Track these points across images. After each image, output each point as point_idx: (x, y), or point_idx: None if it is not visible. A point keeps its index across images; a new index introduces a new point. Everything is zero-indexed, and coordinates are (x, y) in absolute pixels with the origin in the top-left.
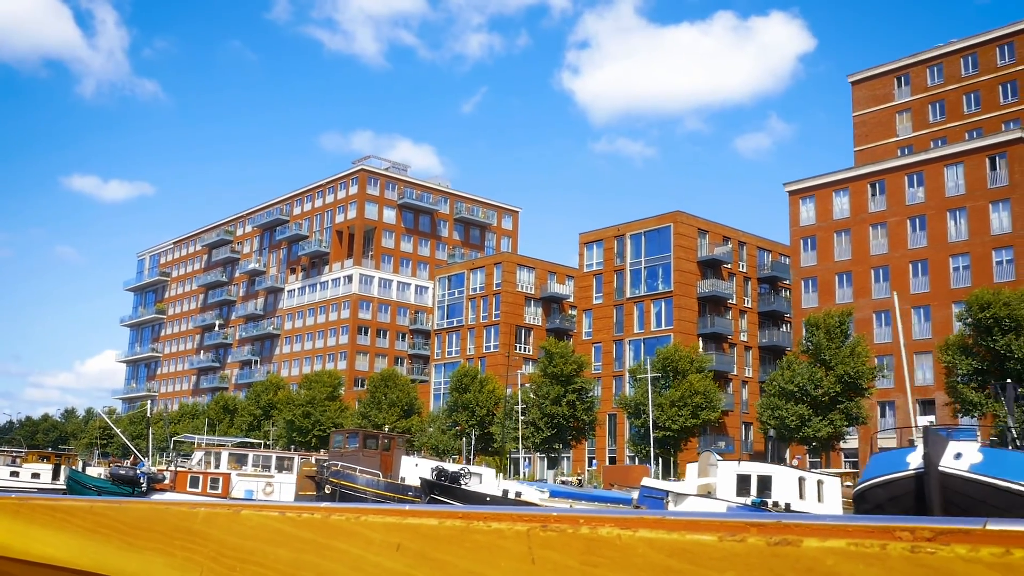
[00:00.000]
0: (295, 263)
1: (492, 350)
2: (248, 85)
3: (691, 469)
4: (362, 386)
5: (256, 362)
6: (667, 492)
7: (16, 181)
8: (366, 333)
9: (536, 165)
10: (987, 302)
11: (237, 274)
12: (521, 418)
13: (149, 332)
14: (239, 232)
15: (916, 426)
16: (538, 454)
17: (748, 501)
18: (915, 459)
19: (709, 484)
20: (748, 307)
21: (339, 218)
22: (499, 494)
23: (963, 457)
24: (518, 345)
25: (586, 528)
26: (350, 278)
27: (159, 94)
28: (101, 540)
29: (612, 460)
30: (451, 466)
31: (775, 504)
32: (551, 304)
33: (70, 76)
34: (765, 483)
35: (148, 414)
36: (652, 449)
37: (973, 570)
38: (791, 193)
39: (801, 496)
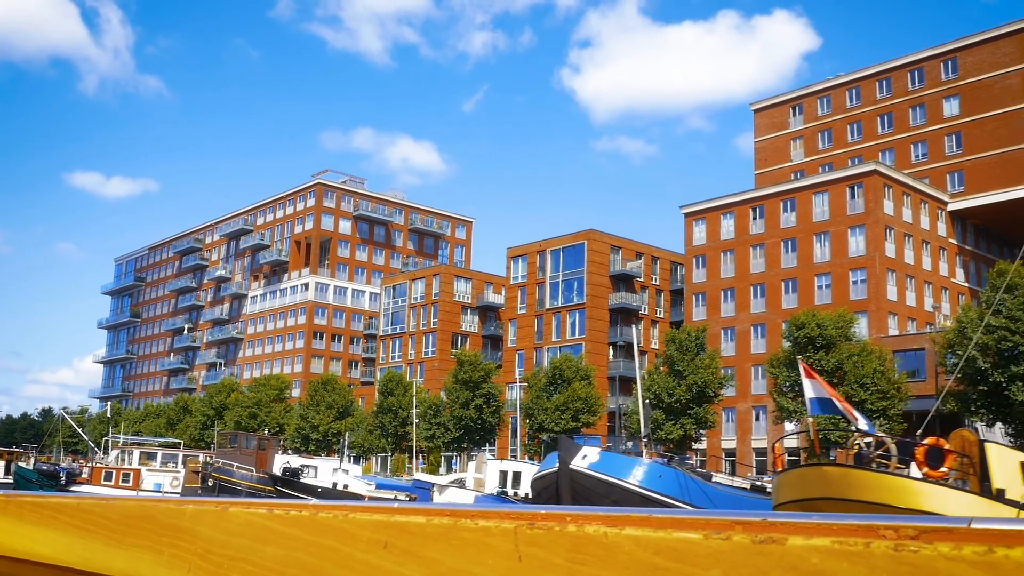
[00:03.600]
0: (258, 271)
1: (430, 355)
2: (251, 83)
3: (471, 466)
4: None
5: (221, 364)
6: (432, 484)
7: (18, 178)
8: (321, 338)
9: (536, 164)
10: (803, 322)
11: (205, 280)
12: (433, 420)
13: (125, 334)
14: (208, 240)
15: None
16: (466, 454)
17: (495, 492)
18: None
19: (482, 478)
20: (660, 317)
21: (298, 229)
22: (329, 486)
23: (587, 458)
24: (454, 351)
25: (573, 526)
26: (307, 286)
27: (163, 91)
28: (88, 537)
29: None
30: (299, 460)
31: (515, 493)
32: (487, 312)
33: (75, 73)
34: (518, 477)
35: (109, 415)
36: (519, 449)
37: (956, 568)
38: (686, 215)
39: None
